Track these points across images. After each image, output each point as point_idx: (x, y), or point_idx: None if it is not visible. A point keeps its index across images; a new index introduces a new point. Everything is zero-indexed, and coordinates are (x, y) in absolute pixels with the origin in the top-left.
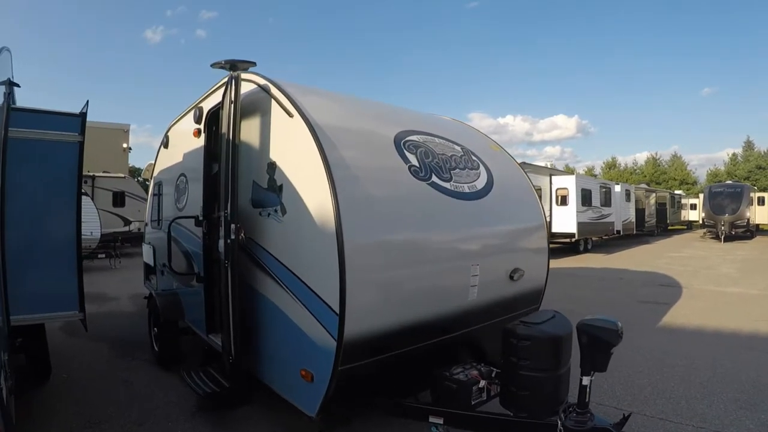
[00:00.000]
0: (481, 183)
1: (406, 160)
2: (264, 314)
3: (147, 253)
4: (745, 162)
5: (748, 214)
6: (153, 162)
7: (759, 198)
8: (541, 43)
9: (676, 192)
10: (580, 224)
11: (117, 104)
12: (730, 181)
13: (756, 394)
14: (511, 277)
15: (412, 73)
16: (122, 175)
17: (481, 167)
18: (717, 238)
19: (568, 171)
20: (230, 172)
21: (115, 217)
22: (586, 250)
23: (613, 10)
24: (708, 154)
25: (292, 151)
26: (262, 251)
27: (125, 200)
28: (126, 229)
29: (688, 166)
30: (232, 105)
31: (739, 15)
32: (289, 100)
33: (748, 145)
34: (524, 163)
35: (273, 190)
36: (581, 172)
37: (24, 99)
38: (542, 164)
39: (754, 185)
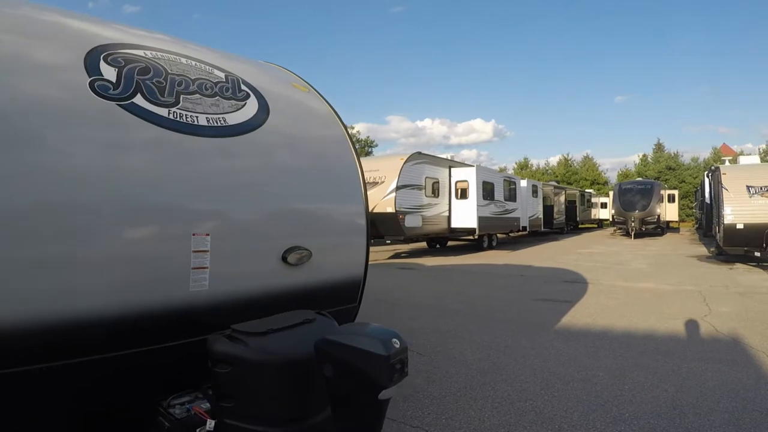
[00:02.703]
0: (238, 117)
1: (94, 73)
2: None
3: None
4: (656, 163)
5: (658, 211)
6: None
7: (669, 195)
8: (462, 48)
9: (587, 190)
10: (481, 219)
11: None
12: (640, 178)
13: (677, 420)
14: (285, 260)
15: (332, 77)
16: None
17: (252, 100)
18: (627, 235)
19: None
20: None
21: None
22: (490, 247)
23: (532, 16)
24: (619, 158)
25: None
26: None
27: None
28: None
29: (600, 168)
30: None
31: (651, 22)
32: None
33: (659, 147)
34: (420, 153)
35: None
36: None
37: None
38: (444, 156)
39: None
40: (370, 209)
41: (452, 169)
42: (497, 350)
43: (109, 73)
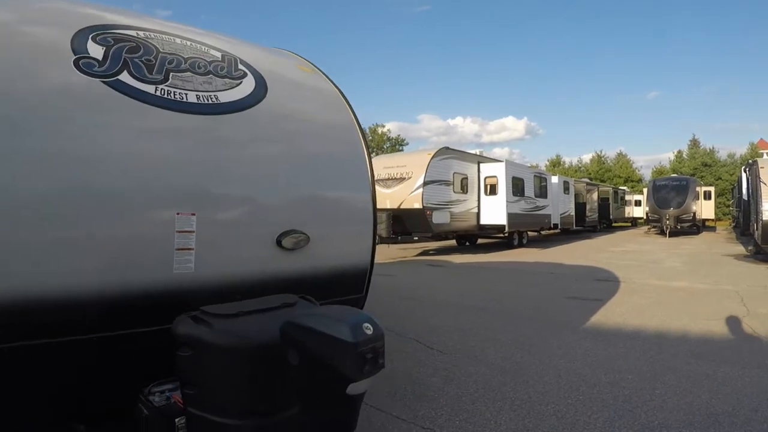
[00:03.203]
0: (232, 95)
1: (80, 51)
2: None
3: None
4: (691, 159)
5: (694, 208)
6: None
7: (705, 192)
8: (493, 45)
9: (620, 188)
10: (510, 215)
11: None
12: (675, 174)
13: (711, 430)
14: (280, 244)
15: (361, 75)
16: None
17: (249, 79)
18: (662, 233)
19: None
20: None
21: None
22: (521, 245)
23: (562, 14)
24: (653, 155)
25: None
26: None
27: None
28: None
29: (634, 165)
30: None
31: (680, 19)
32: None
33: (694, 143)
34: (447, 148)
35: None
36: None
37: None
38: (472, 151)
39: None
40: (397, 205)
41: (481, 164)
42: (521, 349)
43: (96, 51)
